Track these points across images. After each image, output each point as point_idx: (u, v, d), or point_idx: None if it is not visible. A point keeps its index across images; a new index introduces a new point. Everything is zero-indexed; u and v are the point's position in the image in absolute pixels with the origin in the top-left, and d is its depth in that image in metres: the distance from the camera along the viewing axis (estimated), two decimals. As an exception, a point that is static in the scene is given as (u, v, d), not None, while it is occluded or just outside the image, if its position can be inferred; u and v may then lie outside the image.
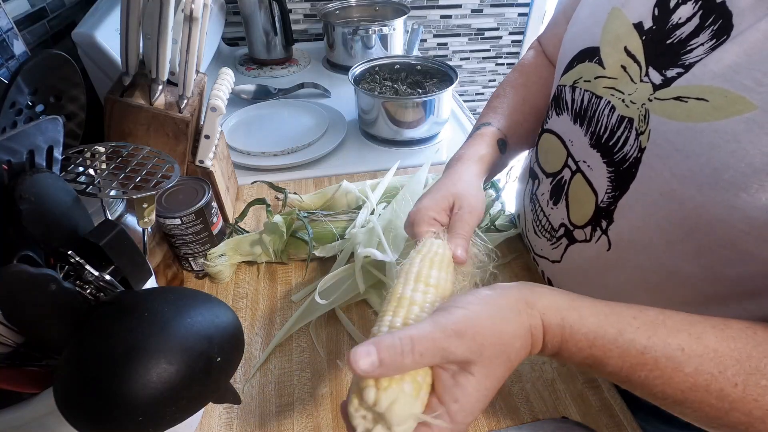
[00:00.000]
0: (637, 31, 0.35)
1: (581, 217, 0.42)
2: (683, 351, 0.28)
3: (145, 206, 0.41)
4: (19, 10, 0.67)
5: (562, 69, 0.45)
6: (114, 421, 0.25)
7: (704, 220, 0.31)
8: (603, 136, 0.39)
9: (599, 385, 0.48)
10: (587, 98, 0.40)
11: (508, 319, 0.28)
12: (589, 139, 0.40)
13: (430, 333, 0.25)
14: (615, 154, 0.37)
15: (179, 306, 0.29)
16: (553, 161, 0.46)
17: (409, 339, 0.25)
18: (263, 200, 0.66)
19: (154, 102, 0.53)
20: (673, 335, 0.29)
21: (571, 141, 0.43)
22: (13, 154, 0.29)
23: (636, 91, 0.35)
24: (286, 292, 0.59)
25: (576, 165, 0.42)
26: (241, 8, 1.14)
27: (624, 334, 0.29)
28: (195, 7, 0.48)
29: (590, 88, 0.40)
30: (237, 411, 0.46)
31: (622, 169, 0.37)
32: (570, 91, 0.42)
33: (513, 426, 0.45)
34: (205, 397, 0.28)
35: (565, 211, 0.45)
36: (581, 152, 0.42)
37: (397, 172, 0.70)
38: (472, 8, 1.53)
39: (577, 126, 0.42)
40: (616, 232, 0.39)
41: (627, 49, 0.36)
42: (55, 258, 0.33)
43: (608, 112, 0.38)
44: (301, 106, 0.98)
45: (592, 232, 0.41)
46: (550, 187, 0.47)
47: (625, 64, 0.36)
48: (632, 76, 0.36)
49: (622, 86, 0.37)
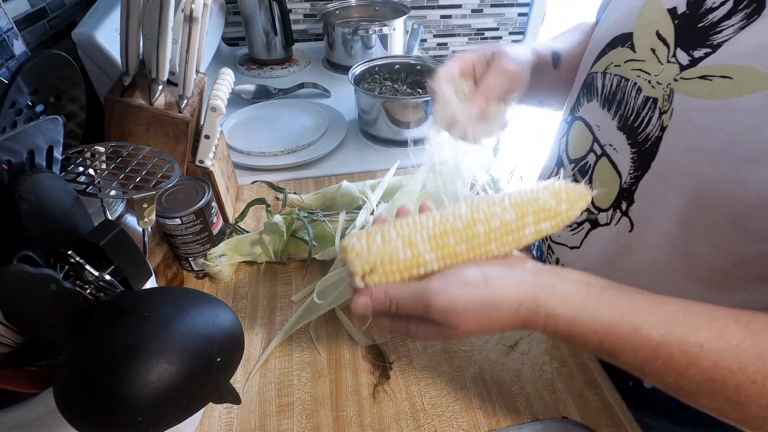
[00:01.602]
0: (671, 15, 0.36)
1: (606, 199, 0.43)
2: (701, 347, 0.28)
3: (145, 206, 0.41)
4: (19, 10, 0.67)
5: (593, 57, 0.45)
6: (114, 421, 0.25)
7: (715, 196, 0.32)
8: (630, 118, 0.39)
9: (599, 385, 0.48)
10: (616, 82, 0.41)
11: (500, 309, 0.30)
12: (617, 122, 0.41)
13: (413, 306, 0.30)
14: (639, 135, 0.38)
15: (179, 306, 0.29)
16: (578, 147, 0.47)
17: (395, 303, 0.30)
18: (263, 200, 0.66)
19: (154, 102, 0.53)
20: (693, 332, 0.29)
21: (598, 126, 0.44)
22: (13, 154, 0.29)
23: (662, 71, 0.36)
24: (286, 292, 0.59)
25: (601, 149, 0.43)
26: (241, 8, 1.14)
27: (639, 331, 0.29)
28: (195, 7, 0.48)
29: (619, 72, 0.40)
30: (237, 411, 0.46)
31: (644, 149, 0.38)
32: (601, 78, 0.43)
33: (513, 426, 0.45)
34: (205, 397, 0.28)
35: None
36: (608, 136, 0.42)
37: (397, 172, 0.70)
38: (472, 8, 1.53)
39: (605, 110, 0.42)
40: (637, 212, 0.40)
41: (658, 33, 0.37)
42: (55, 258, 0.33)
43: (635, 93, 0.38)
44: (301, 106, 0.98)
45: (614, 214, 0.42)
46: (572, 173, 0.48)
47: (654, 46, 0.37)
48: (660, 58, 0.36)
49: (648, 67, 0.37)
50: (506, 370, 0.50)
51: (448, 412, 0.46)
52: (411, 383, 0.49)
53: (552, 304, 0.30)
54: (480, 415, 0.46)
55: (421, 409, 0.46)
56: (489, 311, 0.29)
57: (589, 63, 0.46)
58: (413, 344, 0.52)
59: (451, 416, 0.46)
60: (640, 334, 0.29)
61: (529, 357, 0.51)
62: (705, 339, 0.28)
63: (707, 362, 0.28)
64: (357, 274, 0.30)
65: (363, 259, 0.30)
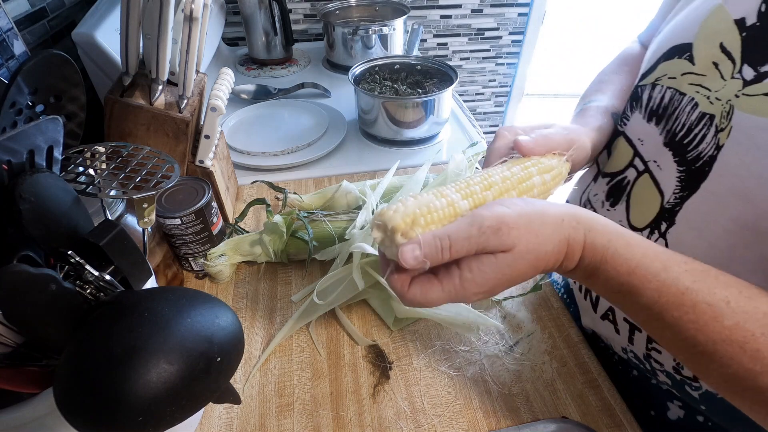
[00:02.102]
0: (738, 27, 0.33)
1: (643, 219, 0.41)
2: (728, 303, 0.27)
3: (145, 206, 0.41)
4: (19, 10, 0.67)
5: (645, 69, 0.43)
6: (114, 421, 0.25)
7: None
8: (678, 134, 0.37)
9: (599, 385, 0.48)
10: (669, 95, 0.38)
11: (546, 224, 0.30)
12: (664, 138, 0.38)
13: (466, 231, 0.28)
14: (689, 153, 0.36)
15: (179, 306, 0.29)
16: (615, 161, 0.44)
17: (447, 238, 0.28)
18: (263, 200, 0.66)
19: (154, 102, 0.53)
20: (723, 287, 0.28)
21: (641, 140, 0.41)
22: (13, 154, 0.29)
23: (724, 87, 0.34)
24: (286, 292, 0.59)
25: (644, 165, 0.40)
26: (241, 8, 1.14)
27: (669, 270, 0.28)
28: (195, 7, 0.48)
29: (674, 84, 0.38)
30: (237, 411, 0.46)
31: (694, 168, 0.35)
32: (649, 89, 0.40)
33: (513, 426, 0.45)
34: (205, 397, 0.28)
35: (625, 213, 0.43)
36: (652, 151, 0.40)
37: (397, 172, 0.70)
38: (472, 8, 1.53)
39: (651, 124, 0.40)
40: (675, 235, 0.37)
41: (722, 45, 0.34)
42: (55, 258, 0.33)
43: (690, 108, 0.36)
44: (301, 106, 0.98)
45: (650, 235, 0.40)
46: (607, 188, 0.45)
47: (717, 60, 0.34)
48: (723, 73, 0.34)
49: (709, 83, 0.35)
50: (506, 370, 0.50)
51: (448, 412, 0.46)
52: (411, 383, 0.49)
53: (592, 223, 0.30)
54: (480, 415, 0.46)
55: (421, 409, 0.46)
56: (537, 226, 0.29)
57: (640, 75, 0.43)
58: (413, 344, 0.52)
59: (451, 416, 0.46)
60: (670, 274, 0.28)
61: (529, 357, 0.51)
62: (734, 297, 0.27)
63: (730, 320, 0.27)
64: (398, 230, 0.29)
65: (403, 213, 0.30)
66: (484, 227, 0.28)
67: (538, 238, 0.29)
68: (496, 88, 1.80)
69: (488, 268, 0.29)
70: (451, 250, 0.29)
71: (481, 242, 0.29)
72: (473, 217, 0.29)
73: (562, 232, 0.30)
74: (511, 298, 0.58)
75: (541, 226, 0.29)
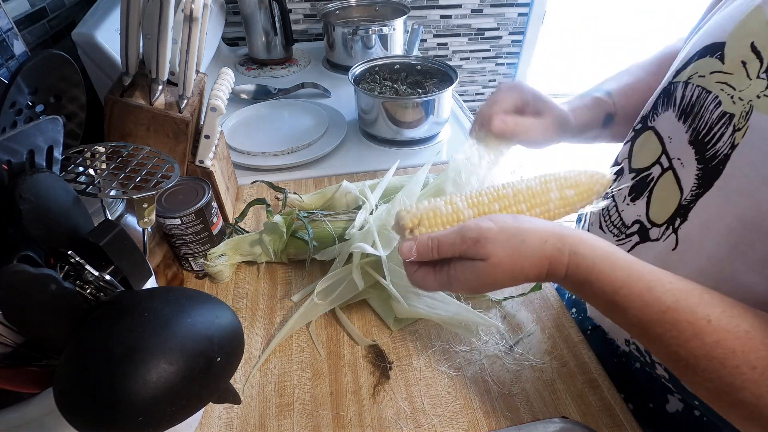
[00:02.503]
0: None
1: (662, 215, 0.41)
2: (709, 322, 0.28)
3: (145, 206, 0.41)
4: (19, 10, 0.67)
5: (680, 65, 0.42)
6: (114, 421, 0.25)
7: None
8: (702, 132, 0.37)
9: (599, 385, 0.48)
10: (697, 93, 0.38)
11: (526, 241, 0.33)
12: (689, 136, 0.39)
13: (452, 238, 0.34)
14: (707, 151, 0.36)
15: (179, 306, 0.29)
16: (643, 157, 0.45)
17: (437, 242, 0.35)
18: (263, 200, 0.66)
19: (154, 102, 0.53)
20: (705, 306, 0.29)
21: (670, 138, 0.41)
22: (13, 154, 0.29)
23: (748, 87, 0.33)
24: (286, 292, 0.59)
25: (669, 162, 0.41)
26: (241, 8, 1.14)
27: (652, 291, 0.30)
28: (195, 7, 0.48)
29: (702, 83, 0.38)
30: (237, 411, 0.46)
31: (710, 166, 0.36)
32: (682, 87, 0.40)
33: (513, 426, 0.45)
34: (205, 397, 0.28)
35: (645, 208, 0.44)
36: (678, 149, 0.40)
37: (397, 172, 0.70)
38: (472, 8, 1.53)
39: (680, 122, 0.40)
40: (686, 231, 0.38)
41: (753, 45, 0.34)
42: (55, 258, 0.33)
43: (713, 107, 0.36)
44: (301, 106, 0.98)
45: (665, 231, 0.41)
46: (631, 183, 0.46)
47: (746, 59, 0.34)
48: (749, 72, 0.34)
49: (735, 81, 0.35)
50: (506, 370, 0.50)
51: (448, 412, 0.46)
52: (411, 383, 0.49)
53: (577, 245, 0.33)
54: (480, 415, 0.46)
55: (421, 409, 0.46)
56: (516, 243, 0.33)
57: (673, 71, 0.43)
58: (413, 344, 0.52)
59: (451, 416, 0.46)
60: (653, 294, 0.30)
61: (529, 357, 0.51)
62: (715, 316, 0.28)
63: (711, 338, 0.28)
64: (406, 228, 0.37)
65: (412, 214, 0.37)
66: (465, 237, 0.34)
67: (515, 253, 0.33)
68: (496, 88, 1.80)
69: (468, 271, 0.34)
70: (439, 251, 0.35)
71: (462, 249, 0.34)
72: (461, 227, 0.35)
73: (543, 252, 0.33)
74: (511, 298, 0.58)
75: (521, 243, 0.33)
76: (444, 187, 0.58)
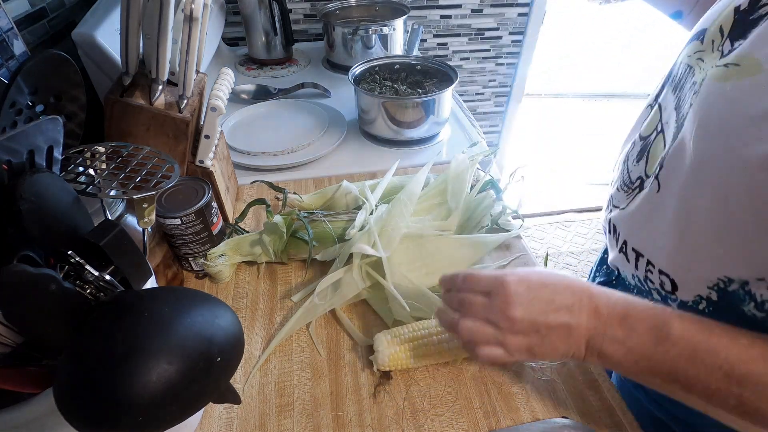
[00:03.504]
0: (734, 11, 0.40)
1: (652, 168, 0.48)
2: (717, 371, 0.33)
3: (145, 206, 0.41)
4: (19, 10, 0.67)
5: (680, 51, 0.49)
6: (114, 421, 0.25)
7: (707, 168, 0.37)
8: (681, 99, 0.44)
9: (599, 385, 0.48)
10: (683, 70, 0.46)
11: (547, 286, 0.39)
12: (674, 104, 0.46)
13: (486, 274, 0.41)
14: (680, 113, 0.43)
15: (179, 306, 0.29)
16: (648, 126, 0.52)
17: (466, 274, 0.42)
18: (263, 200, 0.66)
19: (154, 102, 0.53)
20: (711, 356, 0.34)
21: (665, 108, 0.49)
22: (13, 154, 0.29)
23: (711, 59, 0.40)
24: (286, 292, 0.59)
25: (662, 126, 0.48)
26: (241, 8, 1.14)
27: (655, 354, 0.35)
28: (195, 7, 0.48)
29: (688, 61, 0.45)
30: (237, 411, 0.46)
31: (679, 124, 0.43)
32: (678, 67, 0.48)
33: (513, 426, 0.45)
34: (205, 397, 0.28)
35: (644, 165, 0.51)
36: (667, 115, 0.47)
37: (397, 172, 0.70)
38: (472, 8, 1.53)
39: (672, 95, 0.47)
40: (664, 175, 0.45)
41: (721, 27, 0.41)
42: (55, 258, 0.33)
43: (690, 78, 0.43)
44: (301, 106, 0.98)
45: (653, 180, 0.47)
46: (638, 148, 0.53)
47: (714, 38, 0.41)
48: (714, 47, 0.41)
49: (705, 56, 0.42)
50: (506, 370, 0.50)
51: (448, 412, 0.46)
52: (411, 383, 0.49)
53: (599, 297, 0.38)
54: (480, 415, 0.46)
55: (421, 409, 0.46)
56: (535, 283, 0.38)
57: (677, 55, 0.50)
58: (413, 344, 0.53)
59: (451, 416, 0.46)
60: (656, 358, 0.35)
61: (529, 357, 0.51)
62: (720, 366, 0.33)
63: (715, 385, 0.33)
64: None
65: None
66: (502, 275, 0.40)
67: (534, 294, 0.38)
68: (496, 88, 1.80)
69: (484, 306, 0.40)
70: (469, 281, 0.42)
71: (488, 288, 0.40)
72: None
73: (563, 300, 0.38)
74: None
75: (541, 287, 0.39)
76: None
